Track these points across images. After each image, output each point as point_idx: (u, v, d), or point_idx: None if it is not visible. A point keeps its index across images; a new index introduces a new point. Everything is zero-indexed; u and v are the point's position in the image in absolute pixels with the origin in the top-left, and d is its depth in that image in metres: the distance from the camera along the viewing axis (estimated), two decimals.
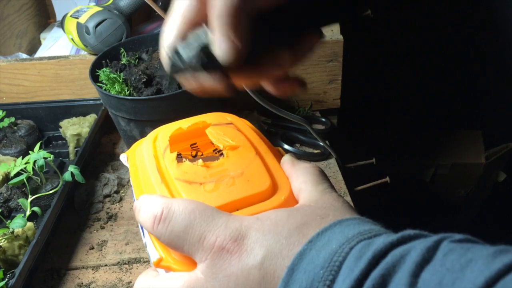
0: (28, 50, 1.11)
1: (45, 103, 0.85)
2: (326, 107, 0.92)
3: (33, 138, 0.82)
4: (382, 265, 0.26)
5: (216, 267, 0.30)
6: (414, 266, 0.25)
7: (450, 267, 0.24)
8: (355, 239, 0.28)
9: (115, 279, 0.58)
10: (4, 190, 0.68)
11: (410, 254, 0.26)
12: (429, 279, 0.24)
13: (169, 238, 0.32)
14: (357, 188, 0.76)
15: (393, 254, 0.26)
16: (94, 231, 0.66)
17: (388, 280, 0.25)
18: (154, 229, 0.32)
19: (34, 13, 1.16)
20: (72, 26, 0.85)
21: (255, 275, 0.29)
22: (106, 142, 0.86)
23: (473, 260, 0.23)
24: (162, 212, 0.32)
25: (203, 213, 0.31)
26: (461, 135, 1.38)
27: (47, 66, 0.86)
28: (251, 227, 0.31)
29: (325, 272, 0.27)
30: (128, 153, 0.45)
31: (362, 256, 0.27)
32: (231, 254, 0.30)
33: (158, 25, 0.94)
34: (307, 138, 0.82)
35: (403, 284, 0.24)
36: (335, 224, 0.30)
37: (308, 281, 0.27)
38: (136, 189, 0.40)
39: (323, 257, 0.28)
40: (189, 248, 0.31)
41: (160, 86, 0.70)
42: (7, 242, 0.57)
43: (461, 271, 0.23)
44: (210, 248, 0.30)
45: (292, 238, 0.30)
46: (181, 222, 0.31)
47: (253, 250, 0.29)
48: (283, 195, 0.36)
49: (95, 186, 0.73)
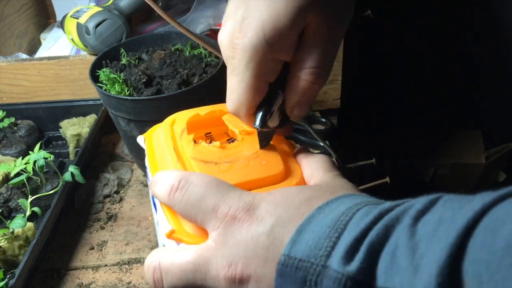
0: (28, 50, 1.11)
1: (45, 103, 0.85)
2: (326, 107, 0.92)
3: (33, 138, 0.82)
4: (386, 218, 0.27)
5: (227, 234, 0.31)
6: (416, 212, 0.26)
7: (450, 207, 0.25)
8: (363, 204, 0.30)
9: (115, 279, 0.58)
10: (4, 190, 0.68)
11: (414, 206, 0.27)
12: (429, 219, 0.25)
13: (184, 206, 0.33)
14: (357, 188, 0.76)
15: (397, 209, 0.27)
16: (94, 231, 0.66)
17: (391, 229, 0.26)
18: (170, 198, 0.33)
19: (34, 13, 1.16)
20: (72, 26, 0.85)
21: (264, 241, 0.30)
22: (106, 142, 0.86)
23: (473, 200, 0.24)
24: (179, 182, 0.33)
25: (219, 185, 0.33)
26: (461, 135, 1.38)
27: (47, 66, 0.86)
28: (263, 199, 0.32)
29: (331, 230, 0.28)
30: (145, 136, 0.46)
31: (368, 214, 0.28)
32: (242, 223, 0.31)
33: (158, 25, 0.94)
34: (307, 138, 0.82)
35: (404, 226, 0.25)
36: (345, 195, 0.32)
37: (314, 240, 0.28)
38: (152, 168, 0.41)
39: (331, 218, 0.29)
40: (202, 217, 0.32)
41: (160, 86, 0.70)
42: (7, 242, 0.57)
43: (460, 208, 0.24)
44: (223, 217, 0.31)
45: (302, 209, 0.31)
46: (197, 192, 0.33)
47: (264, 218, 0.31)
48: (295, 180, 0.37)
49: (95, 186, 0.73)
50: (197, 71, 0.71)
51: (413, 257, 0.24)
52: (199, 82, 0.67)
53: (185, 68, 0.72)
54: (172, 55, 0.75)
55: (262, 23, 0.33)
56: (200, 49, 0.76)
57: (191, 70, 0.72)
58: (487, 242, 0.21)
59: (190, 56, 0.75)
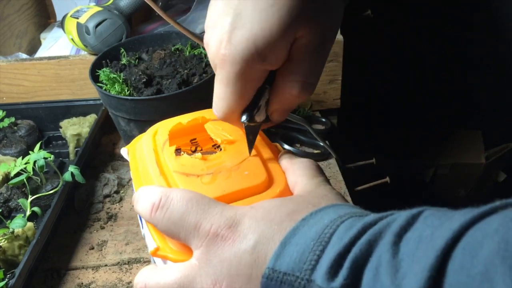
0: (28, 50, 1.11)
1: (45, 103, 0.85)
2: (326, 107, 0.92)
3: (33, 138, 0.82)
4: (370, 232, 0.27)
5: (210, 253, 0.31)
6: (399, 229, 0.26)
7: (430, 224, 0.25)
8: (346, 216, 0.29)
9: (115, 279, 0.58)
10: (4, 190, 0.68)
11: (396, 221, 0.27)
12: (410, 236, 0.25)
13: (166, 225, 0.33)
14: (357, 188, 0.76)
15: (380, 223, 0.27)
16: (94, 231, 0.66)
17: (374, 245, 0.26)
18: (152, 216, 0.33)
19: (34, 13, 1.16)
20: (72, 26, 0.85)
21: (247, 259, 0.30)
22: (106, 142, 0.86)
23: (452, 217, 0.24)
24: (160, 200, 0.33)
25: (200, 202, 0.32)
26: (461, 135, 1.38)
27: (47, 66, 0.86)
28: (245, 215, 0.32)
29: (315, 243, 0.28)
30: (129, 147, 0.46)
31: (352, 227, 0.28)
32: (225, 241, 0.31)
33: (158, 25, 0.94)
34: (307, 138, 0.82)
35: (387, 243, 0.25)
36: (328, 206, 0.32)
37: (299, 253, 0.28)
38: (136, 182, 0.41)
39: (315, 231, 0.29)
40: (185, 235, 0.32)
41: (160, 86, 0.70)
42: (7, 242, 0.57)
43: (440, 225, 0.24)
44: (205, 235, 0.31)
45: (284, 224, 0.31)
46: (178, 210, 0.32)
47: (246, 236, 0.31)
48: (279, 188, 0.37)
49: (95, 186, 0.73)
50: (197, 71, 0.71)
51: (395, 276, 0.24)
52: (199, 82, 0.67)
53: (185, 68, 0.72)
54: (172, 55, 0.75)
55: (254, 36, 0.32)
56: (200, 49, 0.76)
57: (191, 70, 0.72)
58: (465, 265, 0.21)
59: (190, 56, 0.75)
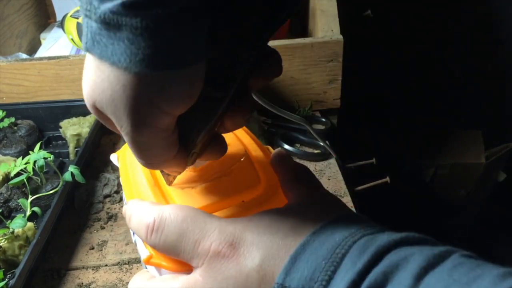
0: (28, 50, 1.11)
1: (45, 103, 0.85)
2: (326, 107, 0.92)
3: (33, 138, 0.82)
4: (386, 262, 0.26)
5: (214, 270, 0.30)
6: (418, 269, 0.25)
7: (457, 279, 0.24)
8: (358, 233, 0.29)
9: (115, 279, 0.58)
10: (4, 190, 0.68)
11: (415, 256, 0.26)
12: (432, 284, 0.24)
13: (163, 247, 0.32)
14: (357, 188, 0.76)
15: (396, 252, 0.27)
16: (94, 231, 0.66)
17: (390, 277, 0.25)
18: (148, 239, 0.32)
19: (34, 13, 1.16)
20: (72, 26, 0.85)
21: (254, 277, 0.29)
22: (106, 142, 0.86)
23: (481, 276, 0.23)
24: (154, 222, 0.32)
25: (194, 219, 0.31)
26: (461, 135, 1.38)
27: (47, 66, 0.86)
28: (245, 229, 0.31)
29: (327, 263, 0.27)
30: (119, 153, 0.45)
31: (366, 250, 0.27)
32: (228, 258, 0.30)
33: None
34: (307, 138, 0.82)
35: (404, 285, 0.24)
36: (338, 218, 0.31)
37: (310, 270, 0.27)
38: (127, 191, 0.40)
39: (326, 248, 0.28)
40: (184, 256, 0.31)
41: None
42: (7, 242, 0.57)
43: (468, 284, 0.23)
44: (205, 254, 0.30)
45: (288, 239, 0.30)
46: (174, 231, 0.31)
47: (251, 253, 0.30)
48: (272, 193, 0.36)
49: (95, 186, 0.73)
50: None
51: None
52: None
53: None
54: None
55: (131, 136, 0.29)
56: None
57: None
58: None
59: None
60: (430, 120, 1.42)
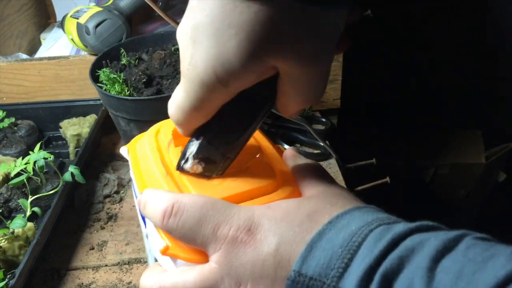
0: (28, 50, 1.11)
1: (45, 103, 0.85)
2: (326, 107, 0.92)
3: (33, 139, 0.82)
4: (401, 248, 0.27)
5: (231, 255, 0.31)
6: (435, 252, 0.25)
7: (472, 258, 0.24)
8: (374, 223, 0.29)
9: (115, 279, 0.58)
10: (4, 191, 0.68)
11: (430, 241, 0.26)
12: (449, 266, 0.25)
13: (181, 232, 0.32)
14: (357, 188, 0.76)
15: (412, 238, 0.27)
16: (94, 231, 0.66)
17: (406, 261, 0.26)
18: (165, 224, 0.32)
19: (34, 13, 1.16)
20: (72, 27, 0.85)
21: (270, 261, 0.30)
22: (106, 142, 0.86)
23: (495, 255, 0.24)
24: (172, 207, 0.32)
25: (214, 205, 0.32)
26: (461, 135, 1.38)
27: (47, 66, 0.86)
28: (263, 216, 0.31)
29: (343, 251, 0.28)
30: (128, 146, 0.45)
31: (382, 239, 0.27)
32: (246, 243, 0.30)
33: (158, 25, 0.94)
34: (307, 138, 0.82)
35: (422, 267, 0.25)
36: (354, 209, 0.31)
37: (326, 258, 0.28)
38: (139, 182, 0.40)
39: (343, 237, 0.29)
40: (202, 241, 0.31)
41: (160, 86, 0.70)
42: (7, 243, 0.57)
43: (483, 263, 0.24)
44: (224, 238, 0.31)
45: (304, 225, 0.30)
46: (193, 216, 0.31)
47: (267, 238, 0.30)
48: (288, 188, 0.36)
49: (95, 186, 0.73)
50: None
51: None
52: None
53: None
54: (172, 55, 0.75)
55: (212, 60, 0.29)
56: None
57: None
58: None
59: None
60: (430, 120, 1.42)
